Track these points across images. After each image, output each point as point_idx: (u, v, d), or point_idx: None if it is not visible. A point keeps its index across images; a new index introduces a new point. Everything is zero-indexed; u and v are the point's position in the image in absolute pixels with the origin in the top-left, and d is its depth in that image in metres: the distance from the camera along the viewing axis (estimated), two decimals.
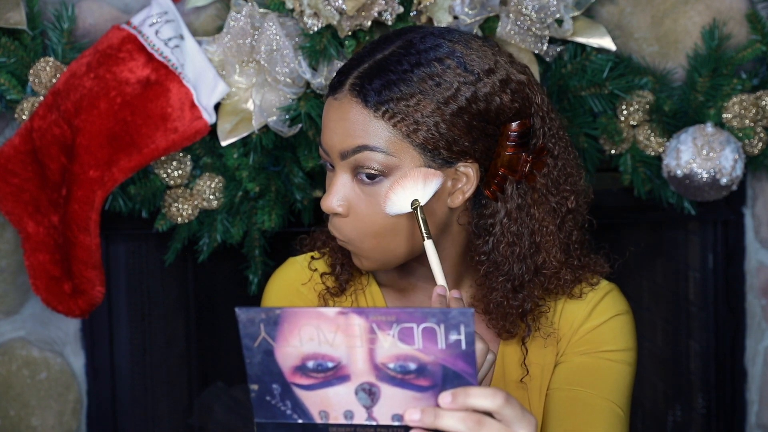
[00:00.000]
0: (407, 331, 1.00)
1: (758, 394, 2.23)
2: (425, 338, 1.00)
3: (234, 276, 2.31)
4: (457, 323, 0.99)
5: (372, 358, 1.02)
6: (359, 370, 1.02)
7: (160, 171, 2.02)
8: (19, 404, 2.21)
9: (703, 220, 2.20)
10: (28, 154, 2.00)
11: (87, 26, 2.07)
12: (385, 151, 1.22)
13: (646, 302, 2.57)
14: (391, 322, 1.00)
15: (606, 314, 1.35)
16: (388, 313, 1.00)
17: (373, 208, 1.24)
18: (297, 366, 1.03)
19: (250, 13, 1.94)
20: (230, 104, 1.99)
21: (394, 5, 1.88)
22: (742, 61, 2.03)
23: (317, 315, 1.01)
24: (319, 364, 1.02)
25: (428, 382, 1.02)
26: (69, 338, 2.21)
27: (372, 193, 1.24)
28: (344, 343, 1.01)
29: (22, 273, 2.15)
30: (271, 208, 2.02)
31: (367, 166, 1.23)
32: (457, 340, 0.99)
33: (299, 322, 1.01)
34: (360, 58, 1.26)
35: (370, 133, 1.22)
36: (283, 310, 1.01)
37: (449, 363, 1.01)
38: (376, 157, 1.22)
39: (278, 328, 1.01)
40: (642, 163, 2.03)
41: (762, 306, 2.20)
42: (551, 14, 1.90)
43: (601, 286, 1.37)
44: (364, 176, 1.23)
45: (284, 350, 1.02)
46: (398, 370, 1.02)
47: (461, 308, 0.99)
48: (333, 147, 1.24)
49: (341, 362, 1.02)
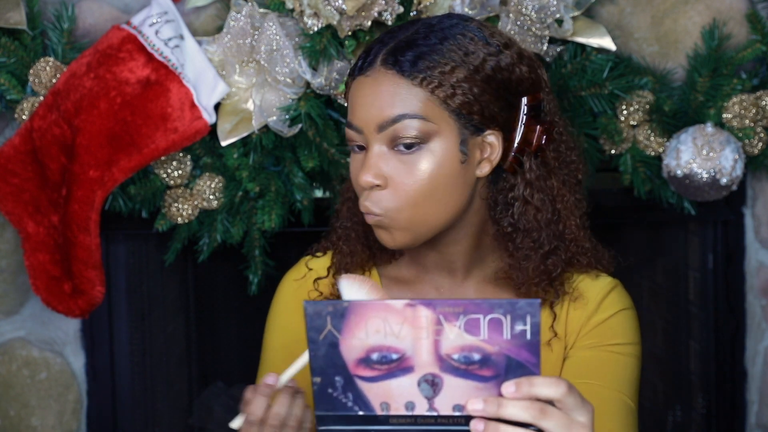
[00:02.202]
0: (474, 322, 1.01)
1: (758, 394, 2.23)
2: (491, 329, 1.01)
3: (234, 276, 2.31)
4: (523, 314, 1.00)
5: (437, 350, 1.02)
6: (423, 362, 1.03)
7: (160, 171, 2.01)
8: (19, 404, 2.21)
9: (703, 220, 2.20)
10: (28, 154, 2.00)
11: (87, 26, 2.07)
12: (423, 117, 1.25)
13: (646, 302, 2.57)
14: (458, 314, 1.01)
15: (613, 308, 1.37)
16: (455, 305, 1.01)
17: (413, 177, 1.26)
18: (361, 358, 1.03)
19: (250, 13, 1.94)
20: (230, 104, 1.99)
21: (394, 5, 1.88)
22: (742, 61, 2.03)
23: (385, 307, 1.02)
24: (383, 356, 1.03)
25: (491, 372, 1.02)
26: (69, 338, 2.21)
27: (411, 162, 1.26)
28: (410, 335, 1.02)
29: (22, 273, 2.15)
30: (271, 208, 2.02)
31: (407, 135, 1.25)
32: (523, 331, 1.01)
33: (367, 314, 1.02)
34: (382, 41, 1.29)
35: (408, 101, 1.25)
36: (351, 302, 1.02)
37: (513, 353, 1.01)
38: (414, 124, 1.25)
39: (345, 321, 1.02)
40: (642, 163, 2.03)
41: (762, 306, 2.20)
42: (551, 14, 1.90)
43: (608, 281, 1.39)
44: (403, 146, 1.26)
45: (350, 342, 1.03)
46: (462, 361, 1.02)
47: (528, 299, 1.01)
48: (369, 121, 1.26)
49: (406, 354, 1.03)
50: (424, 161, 1.26)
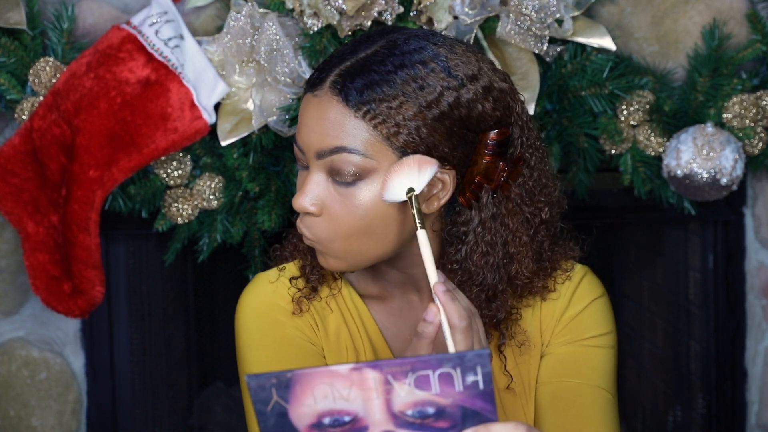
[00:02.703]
0: (423, 378, 1.00)
1: (758, 394, 2.23)
2: (442, 383, 1.00)
3: (234, 276, 2.31)
4: (473, 365, 0.99)
5: (389, 408, 1.01)
6: (377, 420, 1.01)
7: (160, 171, 2.01)
8: (18, 404, 2.21)
9: (703, 220, 2.20)
10: (27, 154, 2.00)
11: (87, 26, 2.07)
12: (363, 153, 1.20)
13: (646, 302, 2.57)
14: (406, 372, 1.00)
15: (585, 300, 1.36)
16: (402, 364, 0.99)
17: (347, 210, 1.22)
18: (313, 423, 1.02)
19: (250, 13, 1.94)
20: (230, 104, 1.99)
21: (394, 5, 1.88)
22: (742, 61, 2.03)
23: (330, 374, 1.00)
24: (335, 419, 1.01)
25: (447, 423, 1.01)
26: (69, 338, 2.21)
27: (347, 195, 1.21)
28: (360, 397, 1.00)
29: (21, 273, 2.15)
30: (271, 208, 2.02)
31: (344, 169, 1.20)
32: (475, 381, 0.99)
33: (312, 383, 1.00)
34: (341, 56, 1.23)
35: (349, 133, 1.19)
36: (293, 373, 1.00)
37: (468, 403, 1.00)
38: (353, 159, 1.19)
39: (291, 390, 1.00)
40: (642, 163, 2.03)
41: (762, 306, 2.20)
42: (551, 14, 1.90)
43: (576, 271, 1.37)
44: (341, 178, 1.21)
45: (299, 410, 1.01)
46: (417, 416, 1.01)
47: (477, 350, 0.99)
48: (310, 146, 1.21)
49: (358, 415, 1.01)
50: (360, 196, 1.21)
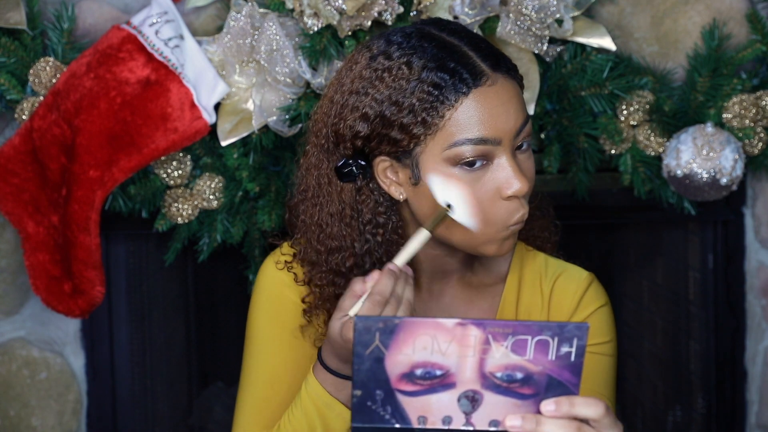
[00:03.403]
0: (521, 343, 1.03)
1: (758, 394, 2.23)
2: (537, 350, 1.03)
3: (234, 276, 2.31)
4: (571, 336, 1.03)
5: (481, 367, 1.04)
6: (466, 379, 1.05)
7: (160, 171, 2.01)
8: (19, 404, 2.21)
9: (703, 220, 2.20)
10: (28, 154, 2.00)
11: (87, 26, 2.07)
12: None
13: (646, 302, 2.57)
14: (507, 334, 1.03)
15: (592, 305, 1.40)
16: (505, 326, 1.03)
17: (532, 168, 1.29)
18: (405, 373, 1.05)
19: (250, 13, 1.94)
20: (230, 104, 1.99)
21: (394, 5, 1.88)
22: (742, 61, 2.03)
23: (435, 325, 1.03)
24: (427, 372, 1.05)
25: (531, 391, 1.05)
26: (69, 338, 2.21)
27: (528, 156, 1.29)
28: (456, 353, 1.04)
29: (22, 273, 2.15)
30: (271, 208, 2.02)
31: (528, 133, 1.27)
32: (568, 353, 1.03)
33: (416, 332, 1.03)
34: (467, 45, 1.27)
35: (524, 102, 1.28)
36: (402, 320, 1.04)
37: (555, 373, 1.04)
38: (529, 124, 1.28)
39: (393, 337, 1.04)
40: (642, 163, 2.03)
41: (762, 306, 2.20)
42: (551, 14, 1.90)
43: (584, 276, 1.42)
44: (520, 146, 1.27)
45: (395, 358, 1.04)
46: (504, 379, 1.05)
47: (577, 323, 1.03)
48: (509, 129, 1.25)
49: (450, 370, 1.04)
50: (531, 156, 1.29)
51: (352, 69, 1.30)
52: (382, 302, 1.19)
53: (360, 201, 1.31)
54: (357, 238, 1.32)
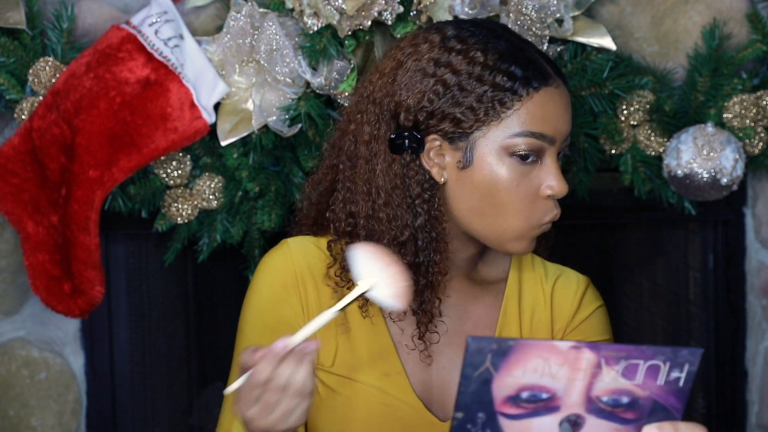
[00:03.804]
0: (632, 368, 1.02)
1: (759, 394, 2.22)
2: (647, 374, 1.02)
3: (234, 276, 2.30)
4: (682, 362, 1.01)
5: (588, 391, 1.03)
6: (571, 402, 1.03)
7: (159, 171, 2.01)
8: (18, 404, 2.21)
9: (703, 220, 2.20)
10: (27, 154, 2.00)
11: (86, 26, 2.06)
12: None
13: (646, 302, 2.57)
14: (619, 358, 1.01)
15: (593, 305, 1.44)
16: (619, 350, 1.01)
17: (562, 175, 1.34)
18: (510, 396, 1.03)
19: (249, 13, 1.94)
20: (230, 104, 1.99)
21: (394, 5, 1.88)
22: (742, 61, 2.02)
23: (550, 348, 1.01)
24: (533, 394, 1.03)
25: (635, 415, 1.03)
26: (68, 338, 2.21)
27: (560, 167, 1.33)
28: (566, 376, 1.02)
29: (21, 273, 2.15)
30: (271, 208, 2.02)
31: (569, 143, 1.34)
32: (677, 378, 1.02)
33: (530, 354, 1.01)
34: (531, 47, 1.33)
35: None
36: (517, 341, 1.01)
37: (661, 398, 1.03)
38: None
39: (505, 358, 1.01)
40: (642, 163, 2.03)
41: (762, 306, 2.20)
42: (551, 14, 1.90)
43: (581, 278, 1.46)
44: (565, 149, 1.34)
45: (504, 380, 1.02)
46: (610, 403, 1.03)
47: (691, 348, 1.01)
48: (564, 131, 1.32)
49: (557, 394, 1.03)
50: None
51: (420, 46, 1.33)
52: (257, 387, 1.14)
53: (409, 176, 1.33)
54: (407, 210, 1.33)
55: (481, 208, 1.31)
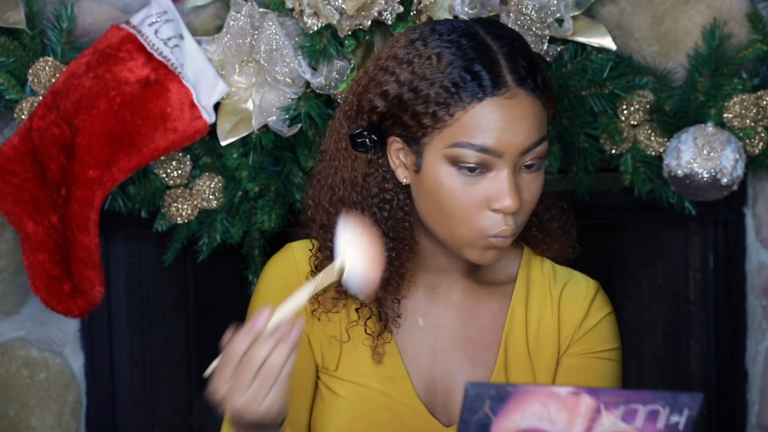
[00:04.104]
0: (632, 412, 1.02)
1: (759, 394, 2.22)
2: (647, 419, 1.02)
3: (234, 276, 2.30)
4: (682, 407, 1.01)
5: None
6: None
7: (159, 171, 2.01)
8: (18, 404, 2.21)
9: (703, 220, 2.20)
10: (27, 154, 2.00)
11: (86, 26, 2.06)
12: (547, 137, 1.29)
13: (646, 302, 2.57)
14: (618, 403, 1.01)
15: (602, 312, 1.41)
16: (618, 395, 1.01)
17: (535, 192, 1.29)
18: None
19: (249, 13, 1.93)
20: (230, 104, 1.98)
21: (394, 5, 1.88)
22: (742, 61, 2.02)
23: (549, 393, 1.01)
24: None
25: None
26: (68, 338, 2.21)
27: (532, 179, 1.28)
28: (565, 420, 1.02)
29: (21, 273, 2.15)
30: (270, 208, 2.02)
31: (539, 157, 1.27)
32: (677, 422, 1.02)
33: (529, 399, 1.01)
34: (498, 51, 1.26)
35: (542, 123, 1.27)
36: (516, 387, 1.01)
37: None
38: (545, 146, 1.28)
39: (504, 404, 1.01)
40: (642, 163, 2.03)
41: (763, 306, 2.20)
42: (551, 14, 1.90)
43: (591, 283, 1.43)
44: (528, 166, 1.27)
45: (503, 424, 1.02)
46: None
47: (691, 393, 1.01)
48: (515, 146, 1.25)
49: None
50: (540, 177, 1.29)
51: (392, 47, 1.31)
52: (231, 363, 1.13)
53: (369, 173, 1.32)
54: (366, 208, 1.32)
55: (433, 213, 1.29)
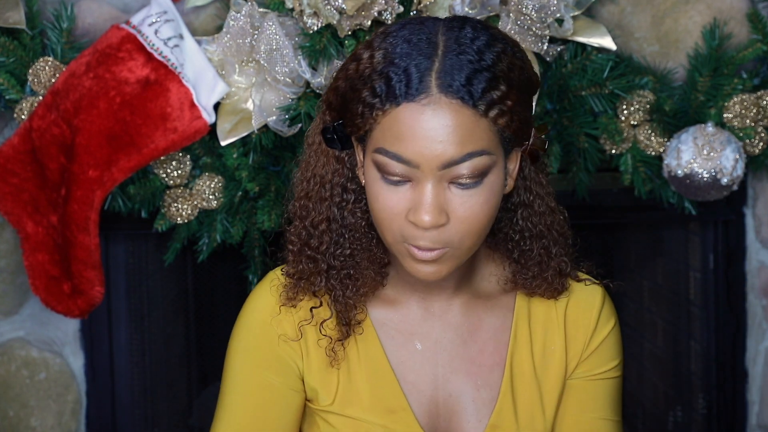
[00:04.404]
0: None
1: (759, 394, 2.22)
2: None
3: (234, 276, 2.30)
4: None
5: None
6: None
7: (159, 171, 2.01)
8: (18, 405, 2.21)
9: (703, 220, 2.20)
10: (27, 153, 2.00)
11: (86, 26, 2.06)
12: (488, 152, 1.16)
13: (647, 302, 2.57)
14: None
15: (609, 323, 1.36)
16: None
17: (476, 207, 1.18)
18: None
19: (249, 13, 1.93)
20: (230, 104, 1.98)
21: (394, 5, 1.88)
22: (742, 61, 2.02)
23: None
24: None
25: None
26: (68, 338, 2.21)
27: (472, 194, 1.17)
28: None
29: (21, 273, 2.15)
30: (270, 208, 2.02)
31: (472, 174, 1.16)
32: None
33: None
34: (421, 56, 1.16)
35: (476, 136, 1.15)
36: None
37: None
38: (481, 161, 1.16)
39: None
40: (642, 163, 2.03)
41: (763, 306, 2.20)
42: (551, 14, 1.90)
43: (598, 291, 1.37)
44: (462, 182, 1.17)
45: None
46: None
47: None
48: (432, 159, 1.14)
49: None
50: (483, 194, 1.18)
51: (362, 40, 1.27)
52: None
53: (336, 169, 1.28)
54: (331, 203, 1.28)
55: (372, 216, 1.24)
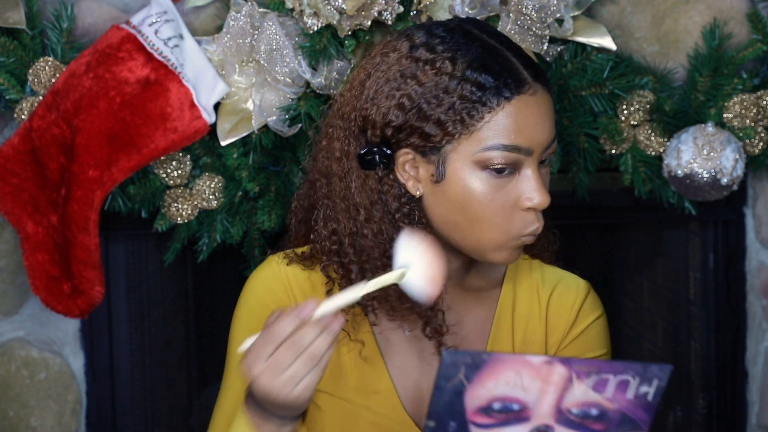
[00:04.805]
0: (603, 382, 1.04)
1: (759, 394, 2.22)
2: (617, 389, 1.04)
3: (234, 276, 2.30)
4: (651, 377, 1.04)
5: (558, 403, 1.05)
6: (541, 414, 1.05)
7: (159, 171, 2.01)
8: (18, 405, 2.20)
9: (703, 220, 2.20)
10: (27, 153, 2.00)
11: (86, 26, 2.06)
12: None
13: (647, 302, 2.57)
14: (590, 373, 1.04)
15: (591, 316, 1.40)
16: (590, 365, 1.04)
17: (547, 189, 1.28)
18: (482, 406, 1.05)
19: (249, 13, 1.93)
20: (230, 104, 1.98)
21: (394, 5, 1.88)
22: (742, 61, 2.02)
23: (523, 362, 1.03)
24: (505, 405, 1.05)
25: (603, 426, 1.06)
26: (68, 338, 2.21)
27: (545, 175, 1.28)
28: (538, 389, 1.04)
29: (21, 273, 2.15)
30: (270, 208, 2.02)
31: (554, 150, 1.28)
32: (646, 392, 1.04)
33: (503, 368, 1.04)
34: (509, 51, 1.26)
35: (554, 119, 1.28)
36: (491, 355, 1.03)
37: (630, 411, 1.05)
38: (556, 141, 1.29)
39: (478, 371, 1.03)
40: (642, 163, 2.03)
41: (763, 306, 2.20)
42: (551, 14, 1.90)
43: (581, 286, 1.41)
44: (547, 160, 1.28)
45: (476, 392, 1.04)
46: (579, 415, 1.05)
47: (661, 365, 1.03)
48: (542, 141, 1.26)
49: (528, 405, 1.05)
50: (548, 173, 1.30)
51: (388, 56, 1.27)
52: (273, 342, 1.12)
53: (384, 191, 1.29)
54: (390, 224, 1.29)
55: (456, 222, 1.27)
